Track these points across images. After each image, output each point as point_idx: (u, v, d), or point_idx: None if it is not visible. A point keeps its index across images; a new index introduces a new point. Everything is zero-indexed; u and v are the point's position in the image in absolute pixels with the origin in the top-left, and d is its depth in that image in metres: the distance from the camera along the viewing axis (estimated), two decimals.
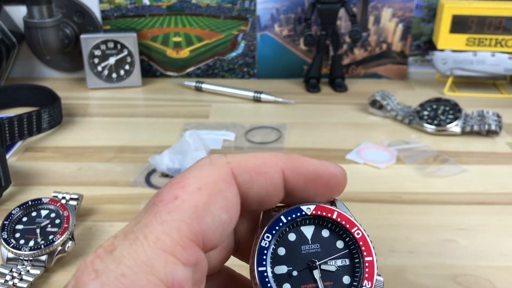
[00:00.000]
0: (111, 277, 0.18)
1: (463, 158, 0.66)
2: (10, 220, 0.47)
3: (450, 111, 0.73)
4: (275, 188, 0.24)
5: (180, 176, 0.22)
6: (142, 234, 0.19)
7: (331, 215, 0.24)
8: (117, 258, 0.19)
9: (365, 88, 0.90)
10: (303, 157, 0.24)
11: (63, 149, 0.68)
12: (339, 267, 0.24)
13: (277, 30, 0.91)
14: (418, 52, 0.93)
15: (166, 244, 0.19)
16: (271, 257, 0.23)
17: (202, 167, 0.22)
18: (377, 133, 0.73)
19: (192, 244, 0.20)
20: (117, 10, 0.90)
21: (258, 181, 0.23)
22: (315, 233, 0.24)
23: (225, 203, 0.22)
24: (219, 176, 0.22)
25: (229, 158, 0.23)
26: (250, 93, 0.84)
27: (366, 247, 0.24)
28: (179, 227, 0.20)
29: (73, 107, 0.81)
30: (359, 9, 0.89)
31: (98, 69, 0.88)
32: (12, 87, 0.81)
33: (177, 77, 0.95)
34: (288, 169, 0.24)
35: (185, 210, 0.20)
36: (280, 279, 0.23)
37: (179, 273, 0.19)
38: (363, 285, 0.23)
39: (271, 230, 0.24)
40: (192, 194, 0.21)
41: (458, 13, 0.84)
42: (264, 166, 0.23)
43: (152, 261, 0.19)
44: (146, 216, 0.20)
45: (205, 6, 0.90)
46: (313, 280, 0.23)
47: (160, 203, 0.21)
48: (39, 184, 0.60)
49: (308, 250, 0.24)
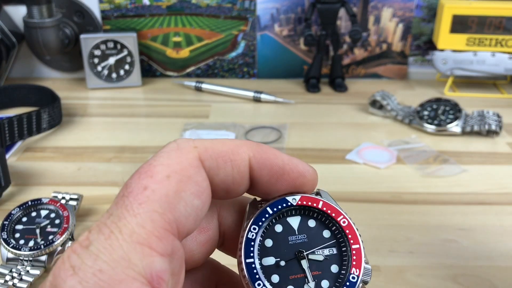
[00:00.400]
0: (88, 273, 0.18)
1: (463, 158, 0.66)
2: (10, 220, 0.47)
3: (450, 111, 0.73)
4: (241, 177, 0.23)
5: (147, 165, 0.22)
6: (116, 228, 0.19)
7: (317, 205, 0.24)
8: (94, 253, 0.18)
9: (365, 88, 0.89)
10: (273, 150, 0.24)
11: (63, 149, 0.68)
12: (326, 256, 0.24)
13: (277, 30, 0.91)
14: (418, 52, 0.93)
15: (141, 237, 0.19)
16: (259, 249, 0.23)
17: (169, 154, 0.22)
18: (377, 133, 0.73)
19: (167, 234, 0.20)
20: (117, 10, 0.90)
21: (224, 168, 0.23)
22: (302, 224, 0.24)
23: (196, 189, 0.21)
24: (187, 162, 0.22)
25: (196, 142, 0.23)
26: (250, 93, 0.84)
27: (353, 235, 0.24)
28: (153, 218, 0.19)
29: (73, 107, 0.81)
30: (359, 9, 0.89)
31: (98, 69, 0.88)
32: (12, 87, 0.81)
33: (177, 77, 0.95)
34: (255, 159, 0.23)
35: (156, 200, 0.20)
36: (268, 271, 0.23)
37: (157, 264, 0.19)
38: (351, 273, 0.23)
39: (257, 221, 0.24)
40: (162, 183, 0.21)
41: (458, 13, 0.84)
42: (231, 153, 0.23)
43: (129, 254, 0.18)
44: (117, 209, 0.20)
45: (205, 6, 0.90)
46: (301, 270, 0.23)
47: (130, 194, 0.20)
48: (39, 184, 0.60)
49: (295, 241, 0.24)
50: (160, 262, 0.19)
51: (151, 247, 0.19)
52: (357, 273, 0.23)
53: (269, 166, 0.24)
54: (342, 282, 0.23)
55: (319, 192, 0.26)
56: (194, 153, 0.22)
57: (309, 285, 0.23)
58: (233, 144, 0.23)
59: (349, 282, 0.23)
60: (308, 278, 0.23)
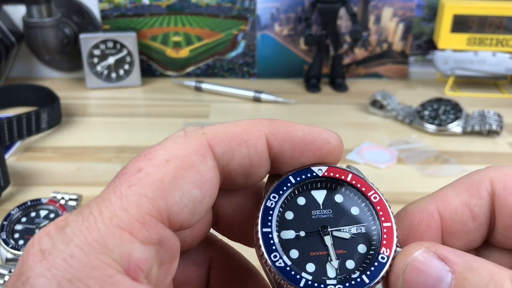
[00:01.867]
0: (58, 258, 0.16)
1: (464, 158, 0.65)
2: (9, 221, 0.47)
3: (451, 111, 0.73)
4: (259, 157, 0.21)
5: (150, 149, 0.20)
6: (97, 209, 0.18)
7: (345, 178, 0.22)
8: (68, 236, 0.17)
9: (365, 88, 0.89)
10: (290, 122, 0.22)
11: (62, 149, 0.68)
12: (353, 234, 0.21)
13: (277, 30, 0.91)
14: (418, 51, 0.93)
15: (122, 221, 0.17)
16: (278, 221, 0.21)
17: (175, 139, 0.20)
18: (378, 133, 0.72)
19: (153, 221, 0.18)
20: (116, 10, 0.90)
21: (239, 150, 0.21)
22: (327, 198, 0.22)
23: (197, 178, 0.19)
24: (192, 148, 0.20)
25: (205, 129, 0.21)
26: (250, 93, 0.84)
27: (384, 212, 0.21)
28: (139, 202, 0.18)
29: (73, 107, 0.81)
30: (359, 9, 0.89)
31: (97, 69, 0.88)
32: (11, 87, 0.81)
33: (177, 77, 0.94)
34: (272, 135, 0.21)
35: (148, 184, 0.18)
36: (287, 244, 0.21)
37: (136, 252, 0.17)
38: (380, 253, 0.20)
39: (278, 190, 0.22)
40: (159, 167, 0.19)
41: (459, 13, 0.84)
42: (245, 134, 0.21)
43: (105, 239, 0.17)
44: (106, 190, 0.19)
45: (204, 6, 0.90)
46: (324, 247, 0.21)
47: (123, 176, 0.19)
48: (38, 184, 0.60)
49: (319, 216, 0.22)
50: (141, 250, 0.17)
51: (132, 233, 0.17)
52: (387, 253, 0.20)
53: (289, 139, 0.21)
54: (370, 263, 0.20)
55: (349, 167, 0.23)
56: (202, 140, 0.20)
57: (332, 263, 0.20)
58: (246, 124, 0.21)
59: (378, 263, 0.20)
60: (331, 256, 0.21)
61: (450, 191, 0.23)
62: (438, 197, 0.23)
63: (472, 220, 0.22)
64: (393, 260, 0.20)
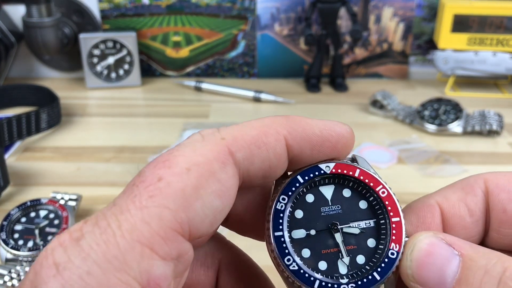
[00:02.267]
0: (74, 275, 0.15)
1: (465, 158, 0.65)
2: (9, 221, 0.47)
3: (451, 111, 0.73)
4: (278, 159, 0.21)
5: (167, 154, 0.19)
6: (115, 222, 0.16)
7: (353, 173, 0.22)
8: (84, 250, 0.16)
9: (366, 87, 0.89)
10: (305, 119, 0.22)
11: (62, 149, 0.68)
12: (362, 229, 0.21)
13: (277, 30, 0.91)
14: (419, 51, 0.93)
15: (143, 235, 0.16)
16: (288, 221, 0.21)
17: (194, 144, 0.19)
18: (378, 133, 0.72)
19: (175, 235, 0.17)
20: (116, 10, 0.89)
21: (259, 154, 0.20)
22: (336, 194, 0.22)
23: (218, 187, 0.18)
24: (212, 155, 0.19)
25: (223, 133, 0.20)
26: (250, 92, 0.84)
27: (393, 207, 0.21)
28: (161, 215, 0.17)
29: (72, 107, 0.81)
30: (359, 8, 0.89)
31: (97, 69, 0.88)
32: (10, 87, 0.81)
33: (177, 77, 0.94)
34: (291, 135, 0.21)
35: (170, 195, 0.17)
36: (299, 244, 0.21)
37: (157, 269, 0.16)
38: (390, 248, 0.21)
39: (287, 191, 0.22)
40: (180, 176, 0.18)
41: (459, 13, 0.84)
42: (264, 136, 0.20)
43: (125, 255, 0.16)
44: (123, 199, 0.17)
45: (204, 5, 0.90)
46: (334, 244, 0.21)
47: (141, 184, 0.18)
48: (38, 185, 0.60)
49: (328, 212, 0.22)
50: (161, 267, 0.17)
51: (153, 248, 0.16)
52: (397, 249, 0.21)
53: (308, 139, 0.21)
54: (380, 258, 0.21)
55: (355, 158, 0.23)
56: (221, 145, 0.19)
57: (343, 260, 0.21)
58: (263, 125, 0.21)
59: (388, 259, 0.20)
60: (342, 253, 0.21)
61: (447, 190, 0.23)
62: (437, 194, 0.23)
63: (469, 215, 0.22)
64: (403, 254, 0.21)
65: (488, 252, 0.19)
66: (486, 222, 0.23)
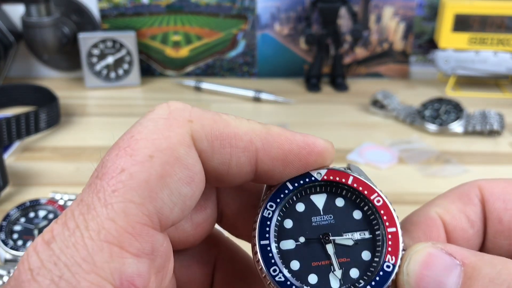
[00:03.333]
0: (47, 279, 0.15)
1: (465, 158, 0.65)
2: (8, 221, 0.47)
3: (452, 111, 0.73)
4: (239, 169, 0.19)
5: (129, 138, 0.18)
6: (83, 222, 0.16)
7: (346, 181, 0.21)
8: (55, 253, 0.16)
9: (366, 87, 0.89)
10: (286, 132, 0.20)
11: (61, 149, 0.68)
12: (356, 240, 0.20)
13: (278, 29, 0.91)
14: (419, 51, 0.93)
15: (110, 234, 0.16)
16: (276, 231, 0.20)
17: (156, 123, 0.18)
18: (379, 133, 0.72)
19: (145, 229, 0.16)
20: (115, 9, 0.89)
21: (220, 154, 0.19)
22: (328, 203, 0.21)
23: (185, 173, 0.18)
24: (176, 139, 0.18)
25: (193, 114, 0.19)
26: (250, 92, 0.83)
27: (389, 217, 0.20)
28: (127, 210, 0.16)
29: (71, 106, 0.81)
30: (360, 8, 0.89)
31: (96, 68, 0.87)
32: (10, 87, 0.81)
33: (177, 77, 0.94)
34: (265, 151, 0.19)
35: (134, 187, 0.16)
36: (287, 256, 0.20)
37: (129, 267, 0.16)
38: (386, 261, 0.19)
39: (275, 198, 0.20)
40: (143, 165, 0.17)
41: (460, 12, 0.83)
42: (233, 138, 0.19)
43: (93, 257, 0.16)
44: (89, 195, 0.17)
45: (204, 5, 0.89)
46: (326, 256, 0.20)
47: (104, 176, 0.17)
48: (37, 185, 0.59)
49: (319, 222, 0.20)
50: (133, 264, 0.16)
51: (123, 246, 0.16)
52: (393, 261, 0.19)
53: (283, 156, 0.20)
54: (375, 272, 0.19)
55: (349, 167, 0.22)
56: (187, 128, 0.18)
57: (335, 273, 0.20)
58: (239, 127, 0.19)
59: (383, 272, 0.19)
60: (334, 266, 0.20)
61: (444, 200, 0.22)
62: (435, 205, 0.22)
63: (470, 226, 0.21)
64: (399, 268, 0.19)
65: (493, 258, 0.18)
66: (483, 232, 0.22)
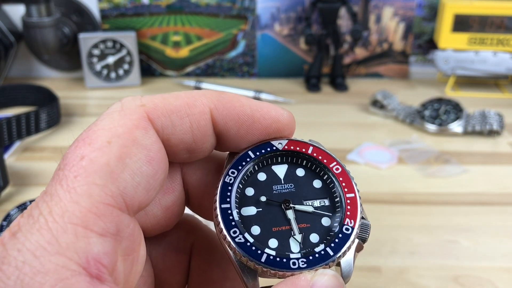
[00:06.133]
0: (11, 266, 0.15)
1: (465, 158, 0.65)
2: (8, 221, 0.47)
3: (451, 111, 0.73)
4: (202, 133, 0.20)
5: (87, 131, 0.19)
6: (46, 208, 0.16)
7: (306, 150, 0.22)
8: (20, 241, 0.16)
9: (366, 87, 0.89)
10: (239, 97, 0.21)
11: (62, 149, 0.68)
12: (316, 208, 0.21)
13: (278, 29, 0.91)
14: (419, 51, 0.93)
15: (74, 215, 0.16)
16: (238, 197, 0.21)
17: (112, 116, 0.19)
18: (378, 133, 0.72)
19: (109, 209, 0.17)
20: (116, 9, 0.89)
21: (180, 125, 0.20)
22: (289, 172, 0.22)
23: (144, 153, 0.18)
24: (131, 123, 0.18)
25: (144, 99, 0.20)
26: (250, 92, 0.83)
27: (347, 183, 0.21)
28: (90, 192, 0.16)
29: (72, 106, 0.81)
30: (360, 8, 0.89)
31: (96, 69, 0.87)
32: (10, 87, 0.81)
33: (177, 77, 0.94)
34: (218, 110, 0.20)
35: (95, 171, 0.17)
36: (248, 221, 0.20)
37: (94, 246, 0.16)
38: (345, 224, 0.20)
39: (236, 165, 0.21)
40: (101, 150, 0.17)
41: (460, 12, 0.84)
42: (187, 107, 0.20)
43: (58, 238, 0.16)
44: (52, 185, 0.17)
45: (204, 5, 0.89)
46: (286, 222, 0.20)
47: (66, 167, 0.18)
48: (38, 185, 0.59)
49: (280, 190, 0.21)
50: (99, 243, 0.16)
51: (87, 226, 0.16)
52: (352, 225, 0.20)
53: (236, 116, 0.20)
54: (334, 235, 0.20)
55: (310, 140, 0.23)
56: (141, 112, 0.19)
57: (295, 238, 0.20)
58: (189, 96, 0.20)
59: (342, 234, 0.20)
60: (294, 231, 0.20)
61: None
62: None
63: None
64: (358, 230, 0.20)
65: None
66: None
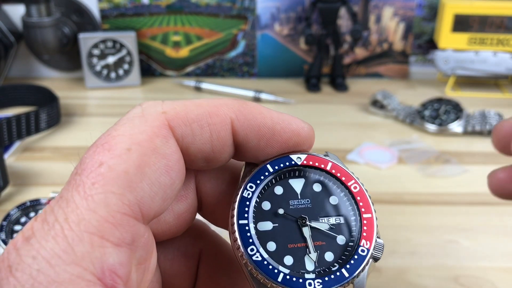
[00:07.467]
0: (25, 274, 0.15)
1: (465, 158, 0.65)
2: (8, 221, 0.47)
3: (451, 111, 0.73)
4: (222, 144, 0.20)
5: (106, 136, 0.18)
6: (62, 215, 0.16)
7: (325, 166, 0.21)
8: (34, 248, 0.15)
9: (366, 87, 0.89)
10: (260, 107, 0.20)
11: (62, 149, 0.68)
12: (332, 225, 0.21)
13: (277, 29, 0.91)
14: (419, 51, 0.93)
15: (91, 224, 0.16)
16: (254, 211, 0.20)
17: (132, 121, 0.19)
18: (378, 133, 0.72)
19: (125, 219, 0.17)
20: (116, 9, 0.89)
21: (201, 134, 0.19)
22: (305, 187, 0.21)
23: (164, 163, 0.18)
24: (152, 131, 0.18)
25: (165, 106, 0.20)
26: (250, 92, 0.83)
27: (365, 203, 0.21)
28: (107, 201, 0.16)
29: (72, 106, 0.81)
30: (360, 8, 0.89)
31: (96, 69, 0.87)
32: (10, 87, 0.81)
33: (177, 77, 0.94)
34: (239, 121, 0.20)
35: (113, 178, 0.17)
36: (264, 237, 0.20)
37: (110, 257, 0.16)
38: (361, 245, 0.20)
39: (255, 179, 0.21)
40: (121, 158, 0.17)
41: (460, 12, 0.84)
42: (208, 117, 0.19)
43: (73, 247, 0.15)
44: (68, 191, 0.17)
45: (204, 5, 0.89)
46: (302, 239, 0.20)
47: (83, 172, 0.17)
48: (38, 185, 0.59)
49: (297, 206, 0.21)
50: (115, 254, 0.16)
51: (103, 236, 0.16)
52: (367, 246, 0.20)
53: (257, 127, 0.20)
54: (350, 255, 0.20)
55: (327, 154, 0.22)
56: (162, 119, 0.19)
57: (310, 256, 0.20)
58: (211, 105, 0.20)
59: (358, 256, 0.20)
60: (309, 248, 0.20)
61: None
62: None
63: None
64: (374, 251, 0.20)
65: None
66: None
